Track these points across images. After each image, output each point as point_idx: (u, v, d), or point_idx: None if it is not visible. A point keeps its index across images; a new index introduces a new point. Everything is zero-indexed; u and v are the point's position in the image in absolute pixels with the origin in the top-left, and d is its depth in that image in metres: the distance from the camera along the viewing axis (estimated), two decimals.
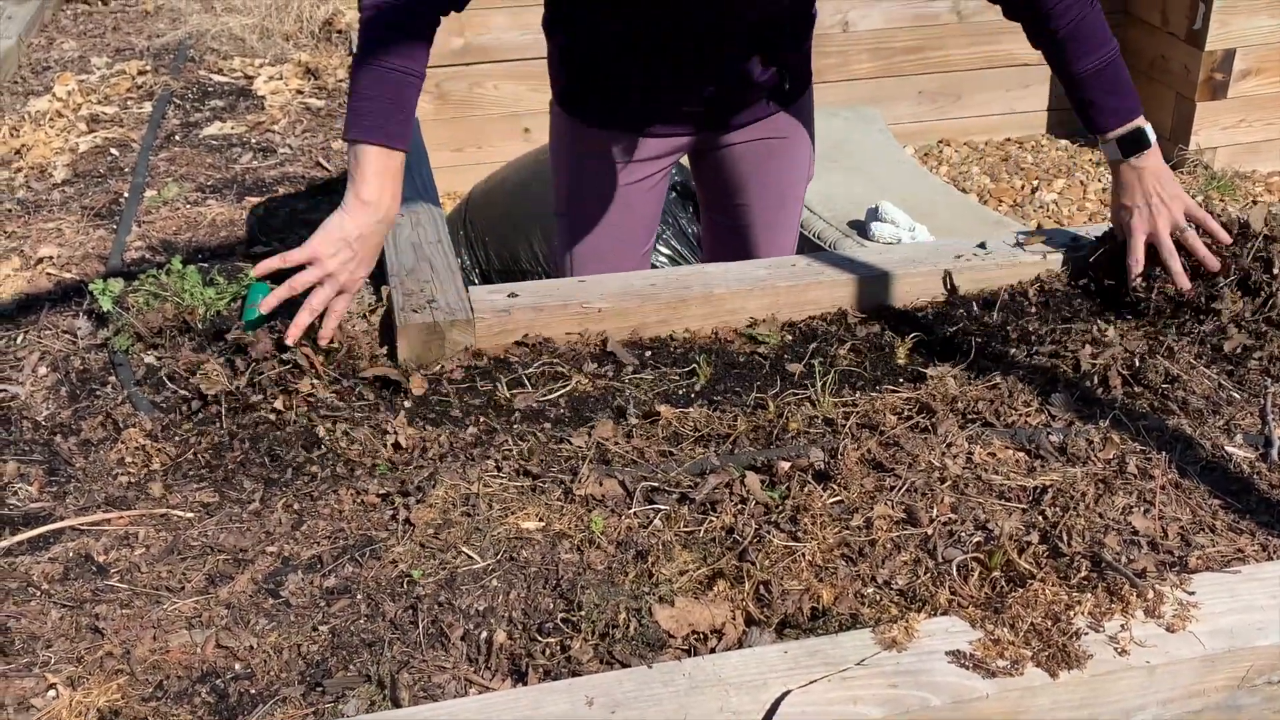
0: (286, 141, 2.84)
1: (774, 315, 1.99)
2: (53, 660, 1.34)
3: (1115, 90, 1.97)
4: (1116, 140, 1.97)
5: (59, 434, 1.74)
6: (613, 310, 1.94)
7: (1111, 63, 1.96)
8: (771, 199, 2.39)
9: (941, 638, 1.28)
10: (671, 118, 2.23)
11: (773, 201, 2.39)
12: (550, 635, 1.34)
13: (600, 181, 2.29)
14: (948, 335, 1.94)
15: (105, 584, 1.46)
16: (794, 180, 2.40)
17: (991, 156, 5.12)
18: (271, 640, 1.36)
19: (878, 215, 4.05)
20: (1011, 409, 1.73)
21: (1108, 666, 1.24)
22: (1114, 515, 1.49)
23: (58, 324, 2.04)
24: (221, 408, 1.75)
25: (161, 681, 1.31)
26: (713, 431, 1.71)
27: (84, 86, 3.15)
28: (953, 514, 1.49)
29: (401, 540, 1.51)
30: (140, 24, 3.75)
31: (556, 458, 1.66)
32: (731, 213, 2.42)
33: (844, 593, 1.38)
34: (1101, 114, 1.98)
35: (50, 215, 2.47)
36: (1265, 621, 1.29)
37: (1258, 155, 4.86)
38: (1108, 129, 1.98)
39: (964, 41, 4.96)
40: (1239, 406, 1.73)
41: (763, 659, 1.26)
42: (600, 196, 2.29)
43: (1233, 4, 4.58)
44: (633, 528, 1.52)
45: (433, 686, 1.28)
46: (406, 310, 1.89)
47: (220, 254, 2.27)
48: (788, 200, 2.42)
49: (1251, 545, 1.46)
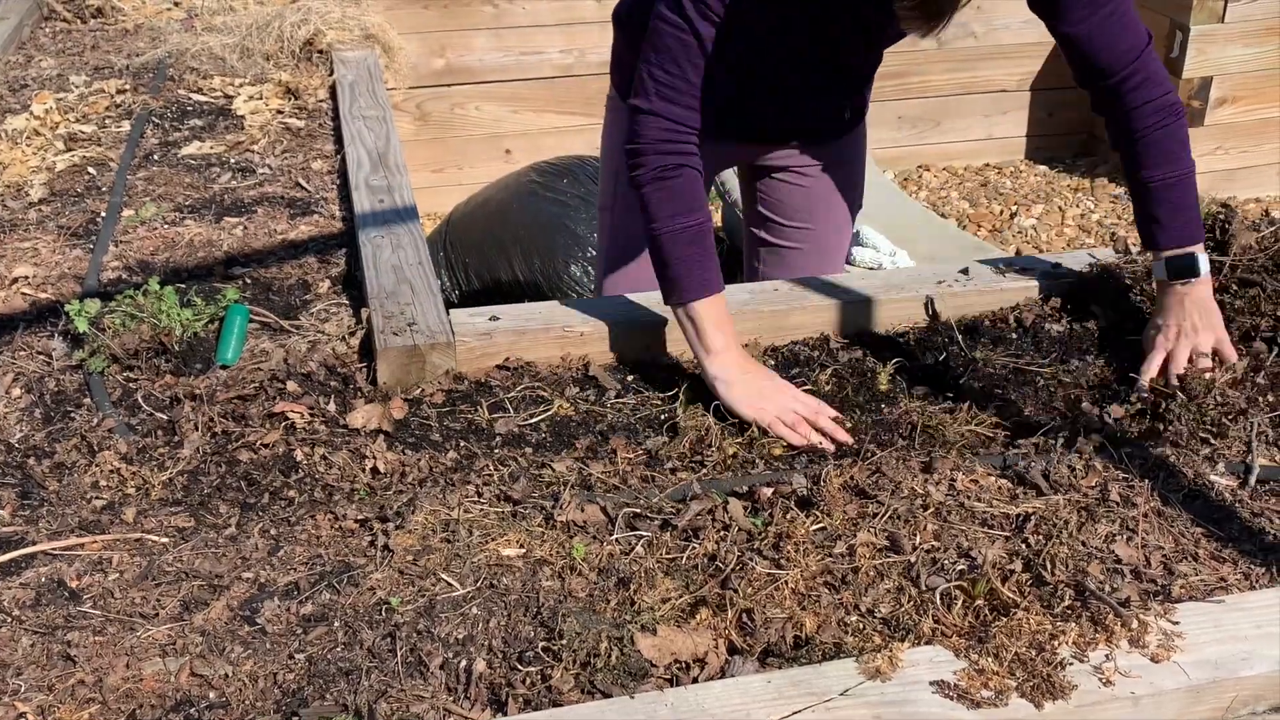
0: (266, 161, 2.83)
1: (756, 340, 1.99)
2: (23, 688, 1.31)
3: (1180, 210, 1.89)
4: (1166, 260, 1.89)
5: (32, 456, 1.72)
6: (595, 334, 1.93)
7: (1182, 180, 1.89)
8: (830, 223, 2.40)
9: (925, 667, 1.27)
10: (742, 134, 2.24)
11: (831, 226, 2.41)
12: (531, 664, 1.33)
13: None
14: (930, 362, 1.94)
15: (78, 610, 1.43)
16: (851, 205, 2.42)
17: (970, 182, 5.14)
18: (247, 669, 1.34)
19: (859, 240, 4.05)
20: (994, 436, 1.73)
21: (1093, 697, 1.24)
22: (1097, 543, 1.48)
23: (32, 345, 2.01)
24: (198, 431, 1.73)
25: (134, 711, 1.29)
26: (695, 457, 1.70)
27: (62, 105, 3.13)
28: (936, 541, 1.49)
29: (380, 567, 1.49)
30: (120, 42, 3.72)
31: (538, 483, 1.65)
32: (789, 235, 2.43)
33: (827, 621, 1.37)
34: (1161, 231, 1.89)
35: (26, 235, 2.44)
36: (1250, 651, 1.29)
37: (1234, 183, 4.90)
38: (1161, 247, 1.89)
39: (944, 68, 4.99)
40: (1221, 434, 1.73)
41: (746, 689, 1.24)
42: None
43: (1210, 33, 4.62)
44: (614, 554, 1.50)
45: (411, 716, 1.26)
46: (386, 333, 1.88)
47: (198, 275, 2.25)
48: (844, 226, 2.44)
49: (1234, 574, 1.46)
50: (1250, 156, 4.94)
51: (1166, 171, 1.88)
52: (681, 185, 1.83)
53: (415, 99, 4.59)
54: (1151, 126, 1.87)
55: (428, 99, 4.63)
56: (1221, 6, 4.58)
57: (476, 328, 1.92)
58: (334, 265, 2.30)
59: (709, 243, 1.84)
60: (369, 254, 2.18)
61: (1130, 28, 1.84)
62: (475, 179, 4.55)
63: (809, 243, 2.42)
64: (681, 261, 1.81)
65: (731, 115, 2.16)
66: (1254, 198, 4.98)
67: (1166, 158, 1.88)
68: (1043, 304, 2.08)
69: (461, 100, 4.70)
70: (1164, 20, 4.70)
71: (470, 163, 4.77)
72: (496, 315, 1.97)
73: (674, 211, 1.82)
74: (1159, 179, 1.88)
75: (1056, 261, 2.16)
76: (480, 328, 1.93)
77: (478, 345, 1.90)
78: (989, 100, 5.14)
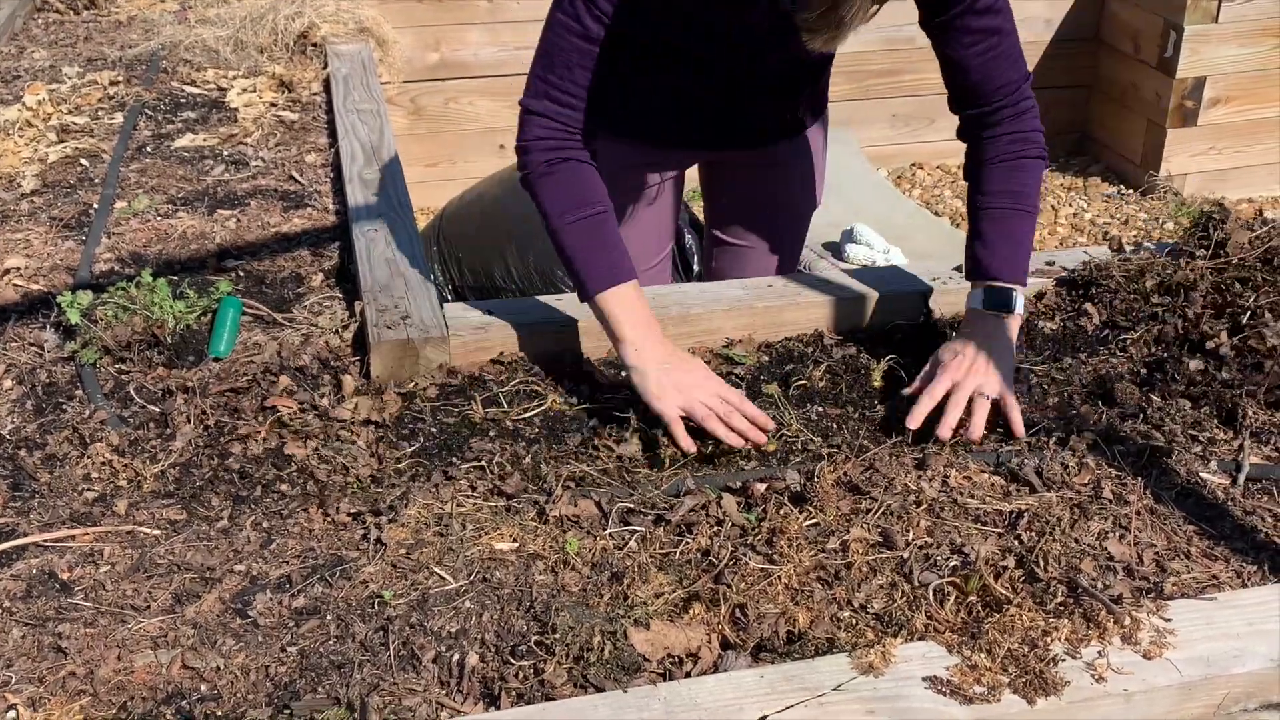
0: (259, 154, 2.82)
1: (750, 336, 1.99)
2: (13, 680, 1.31)
3: (1013, 242, 1.82)
4: (986, 290, 1.81)
5: (24, 448, 1.71)
6: (588, 328, 1.93)
7: (1023, 215, 1.83)
8: (785, 222, 2.40)
9: (918, 663, 1.27)
10: (685, 141, 2.23)
11: (786, 224, 2.40)
12: (524, 658, 1.32)
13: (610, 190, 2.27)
14: (923, 359, 1.93)
15: (69, 602, 1.43)
16: (806, 204, 2.41)
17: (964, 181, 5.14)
18: (239, 661, 1.34)
19: (853, 237, 4.06)
20: (987, 432, 1.73)
21: (1085, 694, 1.24)
22: (1090, 540, 1.48)
23: (24, 336, 2.00)
24: (190, 424, 1.72)
25: (125, 703, 1.29)
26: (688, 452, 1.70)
27: (55, 96, 3.12)
28: (929, 538, 1.49)
29: (373, 560, 1.48)
30: (113, 34, 3.71)
31: (531, 477, 1.65)
32: (742, 234, 2.43)
33: (820, 616, 1.37)
34: (991, 258, 1.82)
35: (18, 226, 2.43)
36: (1241, 649, 1.29)
37: (1226, 183, 4.91)
38: (986, 275, 1.81)
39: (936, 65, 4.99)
40: (1214, 432, 1.73)
41: (739, 684, 1.24)
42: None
43: (1204, 33, 4.63)
44: (608, 549, 1.50)
45: (403, 710, 1.26)
46: (380, 327, 1.87)
47: (191, 267, 2.24)
48: (799, 224, 2.43)
49: (1226, 571, 1.47)
50: (1243, 156, 4.95)
51: (1009, 201, 1.83)
52: (569, 178, 1.81)
53: (409, 93, 4.58)
54: (1007, 155, 1.84)
55: (422, 93, 4.62)
56: (1215, 7, 4.59)
57: (470, 322, 1.92)
58: (327, 258, 2.30)
59: (608, 232, 1.80)
60: (363, 247, 2.17)
61: (1012, 64, 1.82)
62: (469, 174, 4.54)
63: (762, 241, 2.42)
64: (581, 255, 1.77)
65: (669, 124, 2.16)
66: (1246, 198, 4.99)
67: (1013, 188, 1.84)
68: (1036, 302, 2.08)
69: (456, 95, 4.69)
70: (1158, 20, 4.71)
71: (464, 157, 4.76)
72: (491, 309, 1.96)
73: (565, 206, 1.79)
74: (999, 206, 1.84)
75: (1050, 259, 2.16)
76: (474, 322, 1.92)
77: (471, 339, 1.90)
78: None
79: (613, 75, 1.84)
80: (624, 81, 2.04)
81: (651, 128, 2.18)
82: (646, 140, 2.19)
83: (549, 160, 1.81)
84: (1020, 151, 1.84)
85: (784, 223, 2.41)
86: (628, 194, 2.26)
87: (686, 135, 2.21)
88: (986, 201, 1.85)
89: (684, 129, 2.19)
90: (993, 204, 1.85)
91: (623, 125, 2.16)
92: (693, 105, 2.13)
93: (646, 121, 2.16)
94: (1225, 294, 1.95)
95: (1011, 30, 1.82)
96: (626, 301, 1.76)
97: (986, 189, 1.85)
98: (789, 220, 2.41)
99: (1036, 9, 4.98)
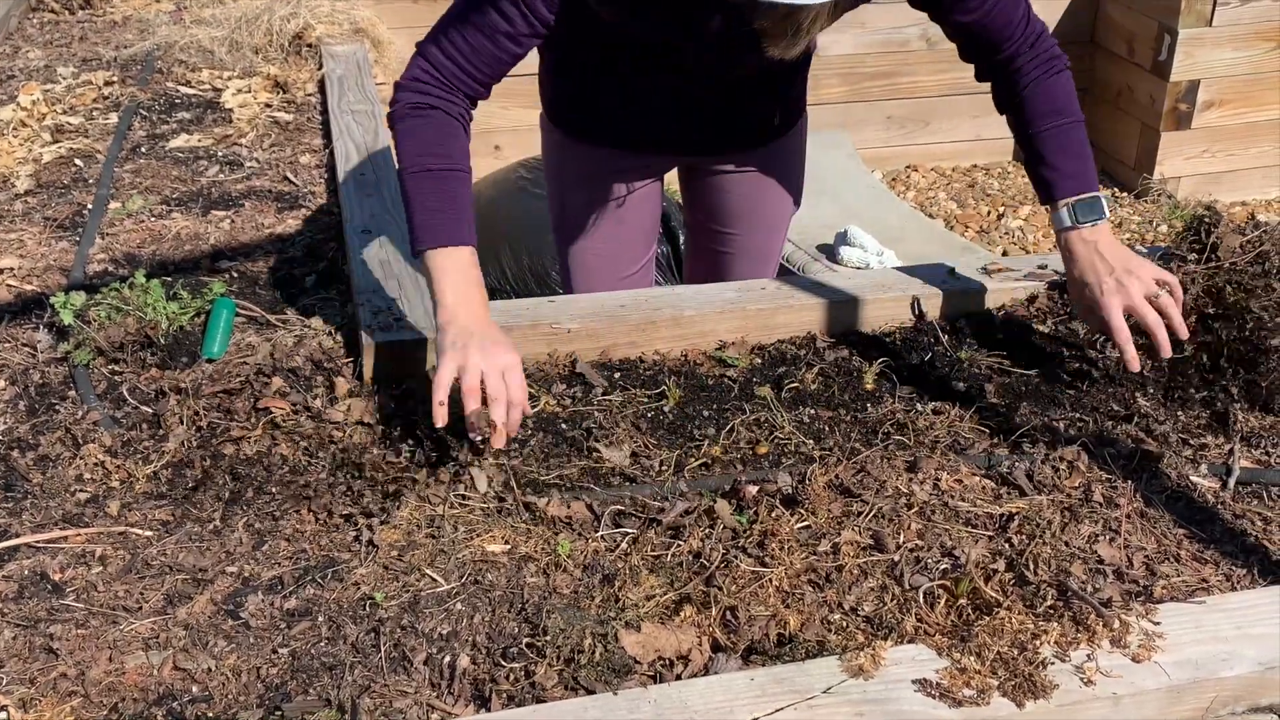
0: (254, 155, 2.82)
1: (743, 338, 1.99)
2: (4, 681, 1.31)
3: (1076, 155, 1.85)
4: (1072, 205, 1.82)
5: (16, 449, 1.71)
6: (582, 331, 1.93)
7: (1075, 126, 1.86)
8: (760, 228, 2.39)
9: (908, 666, 1.28)
10: (658, 146, 2.23)
11: (760, 231, 2.40)
12: (515, 660, 1.33)
13: (589, 195, 2.27)
14: (915, 361, 1.94)
15: (60, 603, 1.43)
16: (782, 211, 2.40)
17: (958, 182, 5.15)
18: (230, 663, 1.34)
19: (846, 239, 4.06)
20: (978, 436, 1.74)
21: (1074, 697, 1.24)
22: (1080, 544, 1.49)
23: (17, 337, 2.00)
24: (183, 425, 1.72)
25: (117, 704, 1.29)
26: (681, 455, 1.70)
27: (49, 96, 3.12)
28: (919, 541, 1.49)
29: (364, 562, 1.49)
30: (108, 34, 3.71)
31: (523, 479, 1.65)
32: (718, 239, 2.42)
33: (811, 619, 1.38)
34: (1060, 177, 1.84)
35: (12, 226, 2.43)
36: (1230, 652, 1.30)
37: (1219, 186, 4.92)
38: (1063, 194, 1.83)
39: (933, 68, 4.99)
40: (1204, 436, 1.74)
41: (729, 686, 1.25)
42: (590, 210, 2.28)
43: (1198, 36, 4.64)
44: (600, 551, 1.51)
45: (394, 712, 1.26)
46: (374, 328, 1.88)
47: (185, 268, 2.24)
48: (775, 230, 2.43)
49: (1215, 575, 1.47)
50: (1237, 160, 4.96)
51: (1056, 119, 1.85)
52: (434, 127, 1.75)
53: None
54: (1037, 77, 1.85)
55: None
56: (1209, 10, 4.60)
57: None
58: (321, 259, 2.30)
59: (456, 191, 1.72)
60: (356, 248, 2.17)
61: (1013, 5, 1.84)
62: None
63: (740, 245, 2.41)
64: (422, 205, 1.70)
65: (640, 129, 2.15)
66: (1240, 201, 5.01)
67: (1055, 105, 1.86)
68: (1028, 305, 2.08)
69: None
70: (1152, 23, 4.72)
71: None
72: None
73: (422, 151, 1.72)
74: (1049, 127, 1.85)
75: (1043, 262, 2.17)
76: None
77: None
78: (977, 101, 5.12)
79: (583, 79, 1.83)
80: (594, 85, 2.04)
81: (624, 132, 2.17)
82: (620, 145, 2.19)
83: (418, 105, 1.76)
84: (1048, 70, 1.85)
85: (762, 228, 2.40)
86: (607, 198, 2.26)
87: (659, 140, 2.20)
88: (1036, 126, 1.86)
89: (656, 134, 2.18)
90: (1042, 126, 1.86)
91: (595, 129, 2.16)
92: (662, 111, 2.13)
93: (618, 126, 2.15)
94: (1216, 298, 1.95)
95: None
96: (455, 265, 1.66)
97: (1029, 115, 1.87)
98: (767, 225, 2.40)
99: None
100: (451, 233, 1.68)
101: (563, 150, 2.29)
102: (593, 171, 2.26)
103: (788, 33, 1.60)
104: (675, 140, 2.21)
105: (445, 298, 1.64)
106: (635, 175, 2.26)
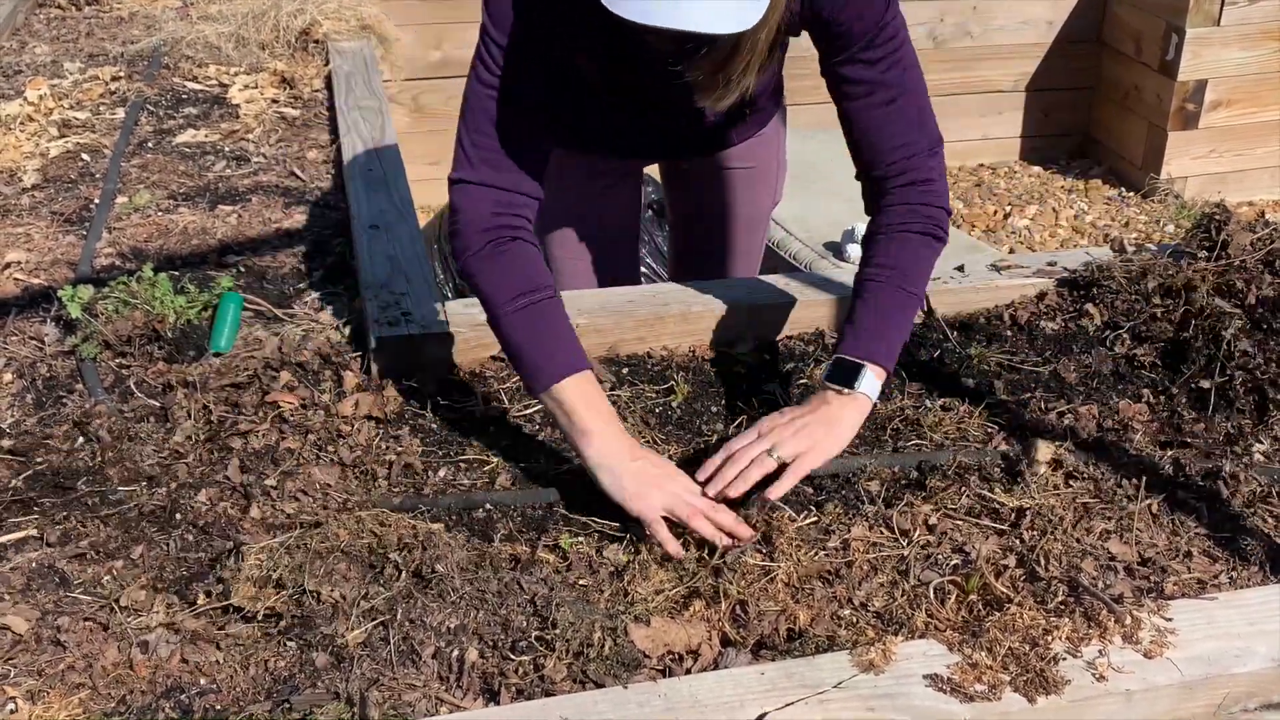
0: (260, 150, 2.82)
1: (751, 334, 1.98)
2: (12, 673, 1.31)
3: (883, 317, 1.64)
4: (834, 361, 1.62)
5: (24, 441, 1.71)
6: (590, 326, 1.92)
7: (900, 293, 1.65)
8: (739, 225, 2.38)
9: (919, 661, 1.27)
10: (633, 153, 2.22)
11: (740, 228, 2.38)
12: (524, 654, 1.32)
13: (564, 195, 2.26)
14: (924, 358, 1.94)
15: (68, 595, 1.42)
16: (761, 208, 2.39)
17: (965, 182, 5.14)
18: (238, 655, 1.33)
19: (853, 237, 4.05)
20: (988, 431, 1.73)
21: (1085, 693, 1.24)
22: (1091, 540, 1.48)
23: (25, 330, 2.00)
24: (190, 419, 1.72)
25: (125, 696, 1.28)
26: (691, 449, 1.70)
27: (56, 91, 3.12)
28: (930, 536, 1.49)
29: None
30: (115, 30, 3.71)
31: (531, 473, 1.64)
32: (698, 236, 2.42)
33: (821, 614, 1.37)
34: (851, 332, 1.63)
35: (19, 220, 2.43)
36: (1243, 649, 1.29)
37: (1226, 185, 4.91)
38: (842, 350, 1.63)
39: (940, 67, 4.98)
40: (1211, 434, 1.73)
41: (739, 680, 1.24)
42: (566, 210, 2.27)
43: (1205, 36, 4.63)
44: (609, 545, 1.50)
45: (403, 705, 1.26)
46: (381, 323, 1.87)
47: (191, 262, 2.24)
48: (755, 226, 2.41)
49: (1227, 571, 1.46)
50: (1244, 160, 4.95)
51: (890, 276, 1.65)
52: (512, 260, 1.62)
53: (411, 90, 4.58)
54: (896, 226, 1.67)
55: (424, 91, 4.61)
56: (1217, 10, 4.59)
57: (471, 319, 1.91)
58: (329, 255, 2.30)
59: (559, 317, 1.62)
60: (364, 244, 2.17)
61: (911, 126, 1.67)
62: None
63: (720, 243, 2.39)
64: (533, 344, 1.59)
65: (612, 141, 2.13)
66: (1247, 201, 4.99)
67: (892, 263, 1.65)
68: (1038, 302, 2.08)
69: (457, 93, 4.63)
70: (1160, 22, 4.71)
71: None
72: None
73: (514, 291, 1.60)
74: (874, 279, 1.66)
75: (1052, 260, 2.16)
76: (475, 319, 1.91)
77: (472, 336, 1.89)
78: (984, 100, 5.15)
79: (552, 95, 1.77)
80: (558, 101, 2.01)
81: (596, 142, 2.15)
82: (594, 152, 2.17)
83: (494, 240, 1.63)
84: (908, 225, 1.67)
85: (743, 224, 2.38)
86: (584, 199, 2.24)
87: (632, 149, 2.19)
88: (864, 274, 1.68)
89: (628, 144, 2.16)
90: (868, 276, 1.67)
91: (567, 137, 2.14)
92: (630, 127, 2.09)
93: (590, 137, 2.13)
94: (1227, 295, 1.94)
95: (916, 90, 1.67)
96: (586, 393, 1.57)
97: (867, 260, 1.69)
98: (748, 222, 2.37)
99: (1039, 10, 4.98)
100: (572, 363, 1.58)
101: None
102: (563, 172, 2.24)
103: (718, 85, 1.53)
104: (647, 149, 2.21)
105: (589, 425, 1.55)
106: (612, 174, 2.25)
